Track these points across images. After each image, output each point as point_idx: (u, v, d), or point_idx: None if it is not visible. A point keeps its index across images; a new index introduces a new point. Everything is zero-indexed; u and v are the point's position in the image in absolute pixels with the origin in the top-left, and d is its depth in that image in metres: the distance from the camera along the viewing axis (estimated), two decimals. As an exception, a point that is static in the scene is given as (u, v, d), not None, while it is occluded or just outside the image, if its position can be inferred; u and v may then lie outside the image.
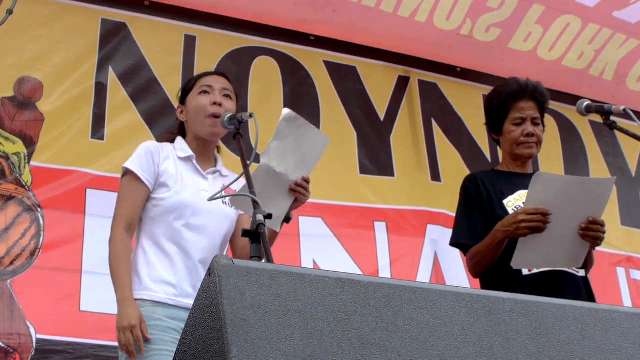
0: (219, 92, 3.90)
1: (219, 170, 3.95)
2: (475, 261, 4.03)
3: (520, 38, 6.31)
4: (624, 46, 6.57)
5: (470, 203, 4.16)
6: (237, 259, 1.90)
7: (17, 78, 5.00)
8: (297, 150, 3.63)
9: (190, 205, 3.72)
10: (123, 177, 3.78)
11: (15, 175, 4.78)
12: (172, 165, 3.79)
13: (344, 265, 5.43)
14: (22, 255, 4.65)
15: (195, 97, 3.91)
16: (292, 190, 3.66)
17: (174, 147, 3.90)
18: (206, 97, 3.88)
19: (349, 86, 6.11)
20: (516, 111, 4.20)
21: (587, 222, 3.77)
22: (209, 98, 3.87)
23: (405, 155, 6.12)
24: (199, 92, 3.91)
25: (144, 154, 3.77)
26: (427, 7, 5.93)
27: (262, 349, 1.77)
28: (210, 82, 3.95)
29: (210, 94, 3.89)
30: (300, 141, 3.63)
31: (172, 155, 3.84)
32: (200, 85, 3.94)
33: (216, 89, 3.91)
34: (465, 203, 4.19)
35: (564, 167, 6.65)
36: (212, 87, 3.91)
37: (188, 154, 3.86)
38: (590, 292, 4.08)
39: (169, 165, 3.78)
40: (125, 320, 3.49)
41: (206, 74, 4.09)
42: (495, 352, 2.05)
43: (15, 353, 4.45)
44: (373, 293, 1.99)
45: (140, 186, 3.72)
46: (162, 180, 3.74)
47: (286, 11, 5.75)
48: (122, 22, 5.43)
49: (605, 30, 6.39)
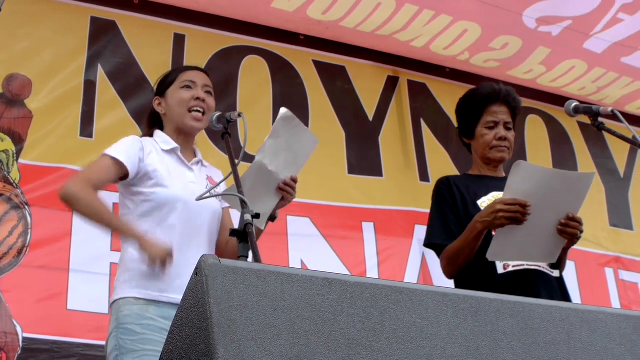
0: (201, 88, 3.92)
1: (201, 160, 3.98)
2: (450, 260, 4.04)
3: (520, 71, 6.33)
4: (628, 87, 6.59)
5: (444, 204, 4.18)
6: (224, 259, 1.90)
7: (6, 75, 4.99)
8: (289, 150, 3.65)
9: (180, 198, 3.72)
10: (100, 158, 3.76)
11: (3, 172, 4.77)
12: (157, 159, 3.78)
13: (331, 265, 5.43)
14: (9, 253, 4.63)
15: (177, 90, 3.92)
16: (280, 189, 3.68)
17: (155, 140, 3.90)
18: (188, 91, 3.91)
19: (338, 86, 6.11)
20: (489, 115, 4.24)
21: (566, 219, 3.77)
22: (191, 93, 3.90)
23: (393, 156, 6.12)
24: (181, 86, 3.92)
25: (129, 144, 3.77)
26: (425, 39, 5.94)
27: (248, 349, 1.77)
28: (193, 78, 3.96)
29: (192, 89, 3.91)
30: (292, 141, 3.65)
31: (155, 148, 3.84)
32: (182, 79, 3.95)
33: (199, 85, 3.93)
34: (439, 204, 4.21)
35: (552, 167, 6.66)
36: (195, 82, 3.94)
37: (172, 146, 3.86)
38: (565, 292, 4.09)
39: (154, 160, 3.77)
40: (159, 248, 3.51)
41: (187, 68, 4.10)
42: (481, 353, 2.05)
43: (1, 352, 4.44)
44: (360, 293, 1.99)
45: (116, 163, 3.69)
46: (149, 175, 3.73)
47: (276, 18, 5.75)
48: (111, 20, 5.42)
49: (611, 73, 6.41)
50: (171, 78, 4.00)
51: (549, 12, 5.70)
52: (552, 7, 5.66)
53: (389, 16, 5.64)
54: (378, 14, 5.63)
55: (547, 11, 5.68)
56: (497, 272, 3.97)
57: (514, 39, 5.96)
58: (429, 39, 5.92)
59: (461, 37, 5.89)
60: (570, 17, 5.76)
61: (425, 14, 5.65)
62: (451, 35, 5.86)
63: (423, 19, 5.69)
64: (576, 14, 5.73)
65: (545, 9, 5.66)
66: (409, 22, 5.70)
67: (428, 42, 5.96)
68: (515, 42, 5.99)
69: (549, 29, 5.84)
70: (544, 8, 5.65)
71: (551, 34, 5.89)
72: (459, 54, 6.10)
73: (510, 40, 5.96)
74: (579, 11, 5.72)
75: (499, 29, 5.88)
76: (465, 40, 5.93)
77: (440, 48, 6.03)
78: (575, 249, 4.20)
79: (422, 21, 5.70)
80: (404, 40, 5.95)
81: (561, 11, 5.71)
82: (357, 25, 5.76)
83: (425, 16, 5.66)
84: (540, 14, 5.70)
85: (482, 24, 5.79)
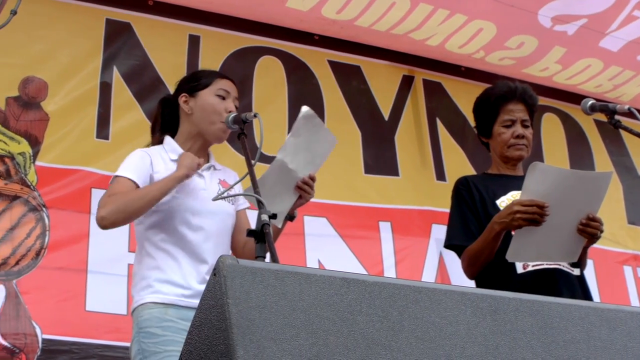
0: (233, 101, 3.90)
1: (213, 165, 3.95)
2: (470, 260, 4.03)
3: (536, 69, 6.31)
4: None
5: (463, 204, 4.16)
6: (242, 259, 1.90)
7: (22, 78, 5.00)
8: (308, 149, 3.66)
9: (190, 207, 3.71)
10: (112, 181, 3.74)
11: (20, 175, 4.79)
12: (165, 169, 3.75)
13: (348, 265, 5.42)
14: (27, 255, 4.65)
15: (212, 96, 3.87)
16: (298, 187, 3.68)
17: (164, 148, 3.87)
18: (222, 102, 3.87)
19: (354, 86, 6.11)
20: (506, 113, 4.22)
21: (586, 219, 3.76)
22: (225, 104, 3.86)
23: (409, 155, 6.12)
24: (216, 93, 3.88)
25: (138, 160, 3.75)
26: (440, 37, 5.92)
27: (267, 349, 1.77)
28: (227, 88, 3.92)
29: (225, 100, 3.88)
30: (312, 140, 3.65)
31: (164, 158, 3.81)
32: (218, 86, 3.90)
33: (231, 97, 3.90)
34: (458, 205, 4.20)
35: (569, 166, 6.64)
36: (229, 93, 3.91)
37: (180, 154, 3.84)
38: (586, 290, 4.08)
39: (162, 171, 3.74)
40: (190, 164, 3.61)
41: (222, 76, 4.04)
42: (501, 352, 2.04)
43: (21, 353, 4.45)
44: (378, 293, 1.99)
45: (130, 183, 3.67)
46: None
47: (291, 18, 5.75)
48: (126, 22, 5.43)
49: (628, 71, 6.38)
50: (207, 81, 3.94)
51: (565, 11, 5.68)
52: (567, 5, 5.64)
53: (404, 15, 5.63)
54: (392, 13, 5.62)
55: (562, 10, 5.66)
56: (517, 272, 3.96)
57: (529, 38, 5.94)
58: (444, 37, 5.91)
59: (476, 36, 5.88)
60: (585, 16, 5.73)
61: (440, 13, 5.64)
62: (466, 34, 5.85)
63: (438, 18, 5.67)
64: (591, 12, 5.71)
65: (561, 7, 5.64)
66: (423, 21, 5.69)
67: (443, 41, 5.95)
68: (531, 42, 5.97)
69: (565, 27, 5.82)
70: (559, 7, 5.63)
71: (567, 32, 5.87)
72: (474, 53, 6.09)
73: (525, 39, 5.95)
74: (594, 9, 5.70)
75: (514, 28, 5.87)
76: (481, 39, 5.91)
77: (456, 47, 6.02)
78: (594, 247, 4.17)
79: (437, 20, 5.69)
80: (419, 39, 5.94)
81: (576, 9, 5.69)
82: (372, 25, 5.75)
83: (440, 15, 5.65)
84: (555, 12, 5.68)
85: (497, 23, 5.78)
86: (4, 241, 4.63)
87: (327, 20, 5.70)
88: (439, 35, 5.88)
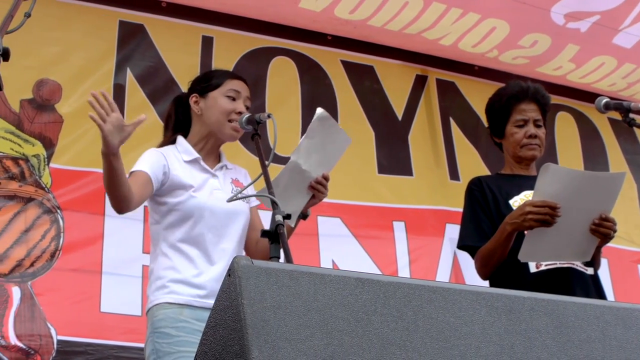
0: (243, 101, 3.91)
1: (225, 164, 3.95)
2: (483, 261, 4.03)
3: (549, 68, 6.30)
4: None
5: (476, 205, 4.16)
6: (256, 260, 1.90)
7: (36, 80, 5.01)
8: (322, 149, 3.66)
9: (207, 207, 3.72)
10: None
11: (34, 177, 4.80)
12: (180, 168, 3.78)
13: (362, 265, 5.42)
14: (42, 257, 4.66)
15: (222, 97, 3.89)
16: (312, 187, 3.68)
17: (177, 149, 3.88)
18: (232, 103, 3.88)
19: (367, 86, 6.10)
20: (518, 113, 4.22)
21: (599, 219, 3.75)
22: (234, 105, 3.87)
23: (423, 155, 6.11)
24: (226, 94, 3.89)
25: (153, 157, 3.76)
26: (453, 37, 5.92)
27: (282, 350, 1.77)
28: (238, 88, 3.94)
29: (236, 101, 3.88)
30: (327, 141, 3.65)
31: (177, 158, 3.83)
32: (228, 87, 3.92)
33: (242, 97, 3.91)
34: (471, 205, 4.20)
35: (583, 164, 6.63)
36: (240, 93, 3.91)
37: (194, 156, 3.84)
38: (600, 290, 4.07)
39: (177, 170, 3.76)
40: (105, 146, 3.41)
41: (234, 76, 4.06)
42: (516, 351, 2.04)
43: (36, 354, 4.47)
44: (393, 293, 1.99)
45: (145, 176, 3.67)
46: (173, 185, 3.73)
47: (303, 18, 5.75)
48: (139, 24, 5.44)
49: None
50: (218, 81, 3.96)
51: (577, 8, 5.66)
52: (580, 2, 5.62)
53: (417, 15, 5.62)
54: (405, 13, 5.61)
55: (575, 6, 5.65)
56: (530, 272, 3.95)
57: (542, 36, 5.92)
58: (457, 36, 5.89)
59: (489, 35, 5.86)
60: (598, 12, 5.72)
61: (453, 12, 5.63)
62: (479, 33, 5.84)
63: (451, 17, 5.66)
64: (604, 8, 5.69)
65: (573, 4, 5.63)
66: (436, 20, 5.68)
67: (456, 40, 5.94)
68: (544, 40, 5.95)
69: (578, 25, 5.80)
70: (572, 3, 5.62)
71: (580, 30, 5.86)
72: (488, 52, 6.08)
73: (539, 37, 5.93)
74: (607, 5, 5.68)
75: (528, 26, 5.85)
76: (494, 38, 5.90)
77: (469, 46, 6.01)
78: (608, 246, 4.17)
79: (450, 19, 5.68)
80: (432, 39, 5.93)
81: (589, 6, 5.67)
82: (385, 24, 5.74)
83: (453, 14, 5.64)
84: (568, 9, 5.66)
85: (510, 21, 5.77)
86: (19, 243, 4.64)
87: (340, 20, 5.69)
88: (452, 34, 5.87)
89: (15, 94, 4.92)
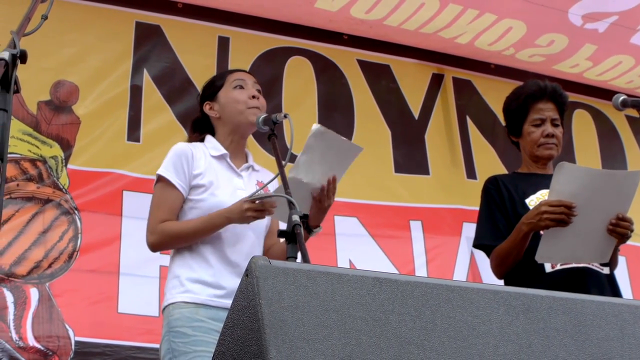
0: (252, 86, 3.92)
1: (252, 165, 3.95)
2: (499, 260, 4.02)
3: (566, 65, 6.28)
4: None
5: (492, 204, 4.15)
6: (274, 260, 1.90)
7: (53, 82, 5.04)
8: (324, 161, 3.63)
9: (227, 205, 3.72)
10: (156, 183, 3.77)
11: (52, 178, 4.82)
12: (206, 165, 3.78)
13: (379, 264, 5.42)
14: (60, 258, 4.68)
15: (231, 91, 3.90)
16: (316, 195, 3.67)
17: (206, 145, 3.89)
18: (242, 91, 3.89)
19: (383, 85, 6.11)
20: (535, 112, 4.20)
21: (616, 219, 3.73)
22: (246, 92, 3.88)
23: (440, 153, 6.11)
24: (233, 86, 3.91)
25: (177, 159, 3.76)
26: (470, 35, 5.91)
27: (300, 349, 1.77)
28: (242, 77, 3.96)
29: (245, 89, 3.90)
30: (328, 153, 3.63)
31: (205, 154, 3.83)
32: (232, 80, 3.94)
33: (249, 84, 3.92)
34: (487, 204, 4.19)
35: (601, 162, 6.61)
36: (245, 81, 3.93)
37: (221, 152, 3.85)
38: (616, 289, 4.05)
39: (202, 166, 3.77)
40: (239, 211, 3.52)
41: (233, 70, 4.10)
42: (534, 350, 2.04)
43: (54, 355, 4.48)
44: (410, 292, 1.98)
45: (175, 192, 3.71)
46: (197, 182, 3.74)
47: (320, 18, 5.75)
48: (155, 25, 5.46)
49: None
50: (220, 82, 3.98)
51: (595, 9, 5.65)
52: (598, 3, 5.61)
53: (432, 15, 5.62)
54: (421, 14, 5.61)
55: (592, 7, 5.63)
56: (545, 271, 3.94)
57: (559, 36, 5.91)
58: (474, 35, 5.89)
59: (506, 34, 5.86)
60: (616, 13, 5.70)
61: (469, 13, 5.62)
62: (496, 32, 5.83)
63: (467, 18, 5.66)
64: (622, 8, 5.67)
65: (591, 5, 5.61)
66: (453, 20, 5.68)
67: (473, 39, 5.94)
68: (561, 40, 5.94)
69: (595, 25, 5.79)
70: (589, 4, 5.60)
71: (597, 30, 5.84)
72: (504, 50, 6.07)
73: (556, 37, 5.92)
74: (625, 6, 5.66)
75: (545, 27, 5.84)
76: (511, 37, 5.89)
77: (485, 44, 6.00)
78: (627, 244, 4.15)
79: (466, 19, 5.68)
80: (449, 37, 5.93)
81: (607, 7, 5.66)
82: (401, 24, 5.74)
83: (469, 15, 5.64)
84: (585, 10, 5.65)
85: (527, 22, 5.76)
86: (37, 244, 4.66)
87: (355, 20, 5.70)
88: (469, 33, 5.87)
89: (32, 96, 4.95)
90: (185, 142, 3.90)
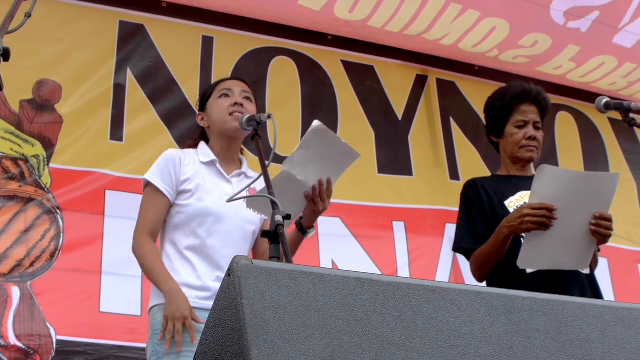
0: (239, 95, 3.92)
1: (244, 172, 3.96)
2: (479, 263, 4.02)
3: (550, 67, 6.30)
4: None
5: (471, 207, 4.16)
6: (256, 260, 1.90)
7: (36, 81, 5.02)
8: (321, 160, 3.63)
9: (213, 211, 3.73)
10: (145, 188, 3.82)
11: (34, 177, 4.80)
12: (194, 171, 3.80)
13: (362, 265, 5.42)
14: (41, 257, 4.67)
15: (216, 100, 3.94)
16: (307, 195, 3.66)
17: (197, 152, 3.92)
18: (226, 99, 3.91)
19: (367, 85, 6.11)
20: (519, 114, 4.22)
21: (596, 218, 3.74)
22: (229, 100, 3.90)
23: (423, 154, 6.12)
24: (219, 95, 3.94)
25: (165, 165, 3.79)
26: (454, 37, 5.92)
27: (281, 349, 1.77)
28: (229, 86, 3.98)
29: (230, 97, 3.91)
30: (326, 153, 3.62)
31: (194, 160, 3.85)
32: (219, 89, 3.98)
33: (236, 92, 3.94)
34: (466, 207, 4.20)
35: (583, 164, 6.64)
36: (232, 90, 3.95)
37: (211, 158, 3.87)
38: (597, 289, 4.06)
39: (190, 172, 3.79)
40: (177, 311, 3.50)
41: (224, 79, 4.13)
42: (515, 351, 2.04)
43: (35, 354, 4.47)
44: (392, 293, 1.98)
45: (161, 197, 3.75)
46: (184, 187, 3.75)
47: (304, 19, 5.75)
48: (139, 24, 5.45)
49: None
50: (210, 91, 4.04)
51: (576, 3, 5.67)
52: (578, -3, 5.67)
53: (416, 11, 5.62)
54: (404, 9, 5.61)
55: (574, 2, 5.65)
56: (526, 272, 3.95)
57: (543, 36, 5.93)
58: (458, 37, 5.90)
59: (490, 35, 5.87)
60: (597, 7, 5.72)
61: (452, 9, 5.63)
62: (480, 33, 5.85)
63: (450, 15, 5.67)
64: (603, 2, 5.69)
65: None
66: (435, 18, 5.69)
67: (457, 41, 5.95)
68: (545, 40, 5.96)
69: (578, 24, 5.81)
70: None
71: (580, 29, 5.86)
72: (488, 51, 6.08)
73: (539, 38, 5.94)
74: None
75: (528, 26, 5.86)
76: (494, 37, 5.91)
77: (469, 46, 6.02)
78: (608, 245, 4.17)
79: (449, 17, 5.69)
80: (433, 39, 5.94)
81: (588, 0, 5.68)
82: (385, 25, 5.75)
83: (452, 11, 5.64)
84: (567, 5, 5.66)
85: (510, 21, 5.77)
86: (19, 243, 4.65)
87: (340, 22, 5.70)
88: (453, 34, 5.88)
89: (15, 95, 4.93)
90: (176, 149, 3.94)
